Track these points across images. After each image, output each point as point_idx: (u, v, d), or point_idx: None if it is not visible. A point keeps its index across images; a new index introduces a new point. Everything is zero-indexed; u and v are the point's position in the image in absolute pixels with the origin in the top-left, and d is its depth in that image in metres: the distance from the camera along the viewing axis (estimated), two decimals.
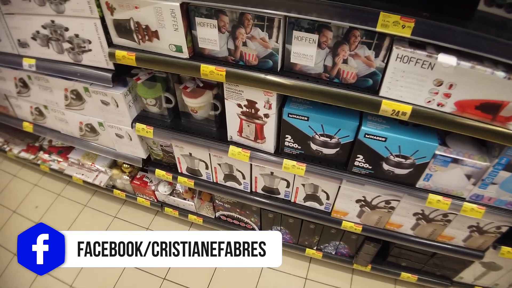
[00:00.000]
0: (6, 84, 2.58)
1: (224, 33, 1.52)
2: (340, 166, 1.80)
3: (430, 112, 1.39)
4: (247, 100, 1.70)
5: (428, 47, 1.28)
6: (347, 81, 1.47)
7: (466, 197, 1.69)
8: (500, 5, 1.27)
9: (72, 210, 3.14)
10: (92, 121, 2.36)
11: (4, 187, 3.42)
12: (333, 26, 1.33)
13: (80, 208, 3.15)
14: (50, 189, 3.35)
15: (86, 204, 3.18)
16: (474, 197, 1.67)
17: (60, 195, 3.28)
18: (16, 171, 3.57)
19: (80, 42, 1.91)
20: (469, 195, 1.67)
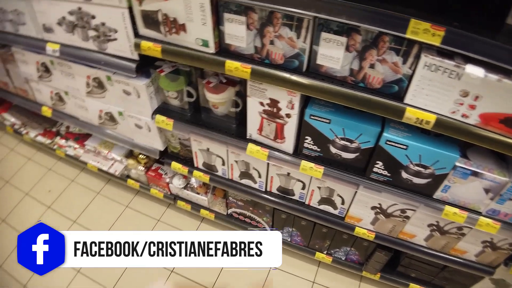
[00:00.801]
0: (28, 68, 2.62)
1: (252, 31, 1.52)
2: (358, 171, 1.79)
3: (454, 122, 1.38)
4: (270, 99, 1.70)
5: (456, 57, 1.27)
6: (372, 86, 1.46)
7: (482, 211, 1.66)
8: None
9: (84, 197, 3.17)
10: (112, 110, 2.38)
11: (18, 169, 3.47)
12: (362, 30, 1.32)
13: (93, 195, 3.19)
14: (64, 175, 3.39)
15: (99, 191, 3.21)
16: (490, 212, 1.65)
17: (73, 181, 3.32)
18: (31, 154, 3.62)
19: (106, 30, 1.91)
20: (486, 209, 1.65)
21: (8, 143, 3.76)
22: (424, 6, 1.31)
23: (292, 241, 2.54)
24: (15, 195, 3.23)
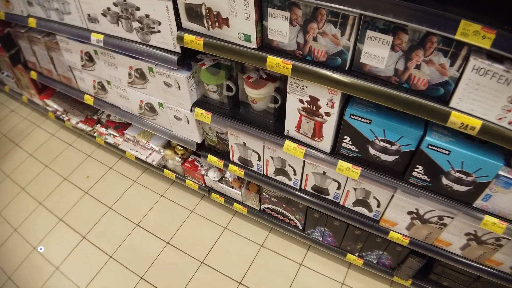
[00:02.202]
0: (72, 56, 2.71)
1: (295, 26, 1.51)
2: (397, 174, 1.75)
3: (500, 129, 1.32)
4: (309, 96, 1.68)
5: (505, 61, 1.21)
6: (417, 88, 1.42)
7: None
8: None
9: (121, 184, 3.26)
10: (152, 100, 2.42)
11: (58, 154, 3.61)
12: (409, 29, 1.29)
13: (130, 183, 3.27)
14: (103, 162, 3.50)
15: (135, 180, 3.29)
16: None
17: (111, 168, 3.42)
18: (72, 140, 3.75)
19: (150, 22, 1.95)
20: None
21: (50, 128, 3.92)
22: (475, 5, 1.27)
23: (323, 241, 2.52)
24: (54, 179, 3.36)
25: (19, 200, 3.21)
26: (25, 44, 3.15)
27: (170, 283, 2.56)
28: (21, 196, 3.25)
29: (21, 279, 2.66)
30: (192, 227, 2.88)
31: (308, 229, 2.51)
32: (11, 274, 2.69)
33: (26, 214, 3.08)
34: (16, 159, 3.60)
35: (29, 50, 3.18)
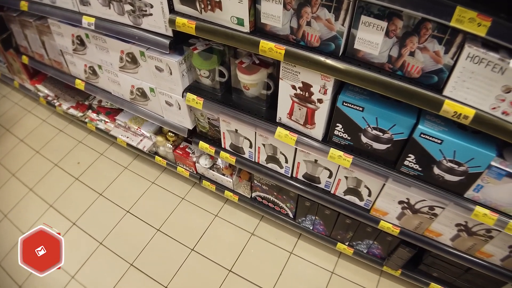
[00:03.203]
0: (64, 40, 2.67)
1: (289, 10, 1.48)
2: (388, 163, 1.74)
3: (493, 119, 1.31)
4: (302, 83, 1.66)
5: (501, 50, 1.20)
6: (411, 75, 1.40)
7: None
8: None
9: (112, 171, 3.24)
10: (144, 86, 2.40)
11: (49, 140, 3.58)
12: (404, 15, 1.27)
13: (121, 169, 3.25)
14: (94, 148, 3.48)
15: (126, 166, 3.27)
16: None
17: (102, 155, 3.40)
18: (63, 126, 3.72)
19: (142, 5, 1.91)
20: None
21: (41, 114, 3.88)
22: None
23: (314, 230, 2.52)
24: (44, 165, 3.34)
25: (10, 186, 3.18)
26: (17, 28, 3.11)
27: (160, 270, 2.56)
28: (11, 182, 3.22)
29: (11, 266, 2.64)
30: (183, 215, 2.87)
31: (299, 217, 2.50)
32: (1, 260, 2.67)
33: (16, 200, 3.06)
34: (7, 145, 3.57)
35: (20, 34, 3.14)
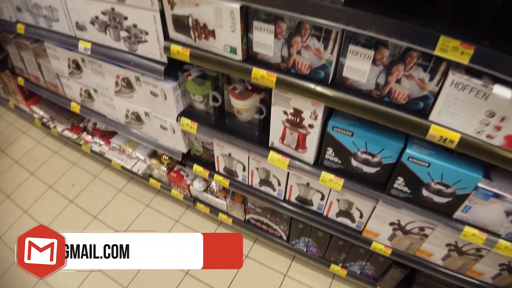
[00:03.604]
0: (60, 64, 2.69)
1: (280, 40, 1.54)
2: (378, 186, 1.78)
3: (478, 143, 1.36)
4: (293, 108, 1.71)
5: (484, 76, 1.25)
6: (397, 101, 1.45)
7: (502, 234, 1.63)
8: None
9: (106, 193, 3.24)
10: (139, 110, 2.43)
11: (43, 162, 3.58)
12: (390, 44, 1.33)
13: (115, 192, 3.25)
14: (88, 170, 3.47)
15: (121, 189, 3.27)
16: (510, 235, 1.61)
17: (97, 177, 3.40)
18: (58, 148, 3.72)
19: (138, 32, 1.96)
20: (506, 232, 1.61)
21: (36, 135, 3.88)
22: (456, 21, 1.32)
23: (308, 252, 2.53)
24: (39, 187, 3.32)
25: (4, 207, 3.16)
26: (13, 49, 3.13)
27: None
28: (6, 203, 3.20)
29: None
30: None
31: (293, 239, 2.52)
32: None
33: (11, 221, 3.03)
34: (2, 166, 3.56)
35: (17, 56, 3.16)
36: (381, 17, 1.25)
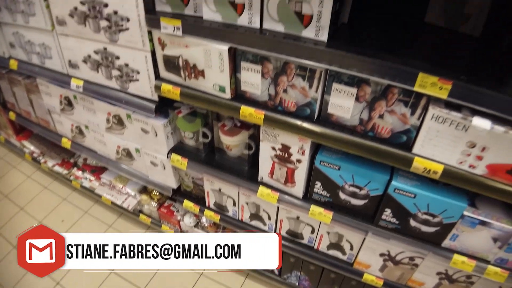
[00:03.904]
0: (52, 100, 2.72)
1: (267, 79, 1.59)
2: (367, 218, 1.80)
3: (461, 173, 1.40)
4: (281, 144, 1.75)
5: (463, 108, 1.30)
6: (381, 136, 1.50)
7: (491, 260, 1.65)
8: None
9: (96, 229, 3.19)
10: (129, 146, 2.45)
11: (33, 197, 3.53)
12: (372, 82, 1.38)
13: (105, 228, 3.21)
14: (78, 205, 3.43)
15: (111, 225, 3.24)
16: (498, 260, 1.63)
17: (87, 213, 3.36)
18: (48, 183, 3.69)
19: (129, 71, 2.00)
20: (494, 258, 1.63)
21: (26, 170, 3.85)
22: (434, 57, 1.38)
23: (300, 285, 2.51)
24: (29, 222, 3.27)
25: None
26: (5, 84, 3.14)
27: None
28: None
29: None
30: (167, 274, 2.83)
31: (284, 273, 2.50)
32: None
33: (0, 256, 2.98)
34: None
35: (9, 91, 3.17)
36: (362, 57, 1.31)
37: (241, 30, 1.51)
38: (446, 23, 1.65)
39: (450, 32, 1.64)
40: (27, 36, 2.44)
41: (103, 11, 1.85)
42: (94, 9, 1.88)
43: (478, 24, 1.58)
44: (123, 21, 1.82)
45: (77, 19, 1.99)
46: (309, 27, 1.39)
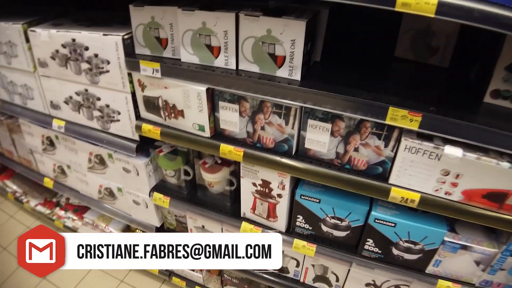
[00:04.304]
0: (33, 140, 2.71)
1: (245, 117, 1.63)
2: (350, 248, 1.81)
3: (438, 200, 1.43)
4: (262, 180, 1.77)
5: (435, 138, 1.35)
6: (358, 168, 1.54)
7: (475, 283, 1.66)
8: (506, 97, 1.36)
9: (79, 269, 3.13)
10: (111, 185, 2.44)
11: (15, 237, 3.44)
12: (345, 117, 1.43)
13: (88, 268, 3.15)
14: None
15: None
16: (483, 283, 1.65)
17: None
18: (30, 223, 3.59)
19: (110, 112, 2.03)
20: (479, 281, 1.65)
21: (8, 209, 3.75)
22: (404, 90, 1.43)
23: None
24: (11, 263, 3.17)
25: None
26: None
27: None
28: None
29: None
30: None
31: None
32: None
33: None
34: None
35: None
36: (335, 94, 1.36)
37: (218, 72, 1.56)
38: (415, 56, 1.73)
39: (419, 64, 1.72)
40: (9, 76, 2.45)
41: (84, 54, 1.88)
42: (75, 52, 1.91)
43: (446, 56, 1.66)
44: (104, 63, 1.85)
45: (58, 61, 2.02)
46: (282, 67, 1.46)
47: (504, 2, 0.96)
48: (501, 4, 0.96)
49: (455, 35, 1.60)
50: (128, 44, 1.77)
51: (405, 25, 1.69)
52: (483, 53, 1.52)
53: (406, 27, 1.69)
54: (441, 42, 1.64)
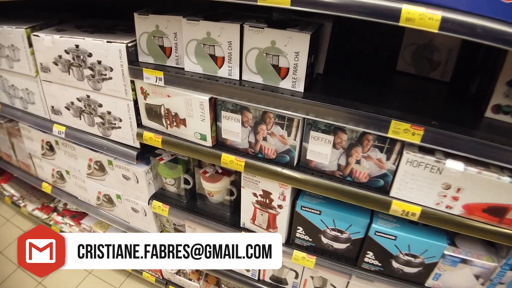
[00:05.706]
0: (33, 144, 2.70)
1: (247, 128, 1.64)
2: (350, 261, 1.80)
3: (438, 214, 1.43)
4: (262, 190, 1.77)
5: (437, 152, 1.35)
6: (359, 180, 1.54)
7: None
8: (507, 112, 1.36)
9: (76, 276, 3.09)
10: (110, 192, 2.43)
11: (12, 241, 3.42)
12: (347, 129, 1.44)
13: (84, 274, 3.12)
14: None
15: (90, 271, 3.15)
16: None
17: None
18: (27, 227, 3.57)
19: (112, 119, 2.03)
20: None
21: (5, 213, 3.74)
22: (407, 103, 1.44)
23: None
24: (7, 267, 3.16)
25: None
26: None
27: None
28: None
29: None
30: None
31: None
32: None
33: None
34: None
35: None
36: (337, 106, 1.37)
37: (221, 82, 1.57)
38: (416, 70, 1.74)
39: (420, 78, 1.73)
40: (10, 80, 2.45)
41: (87, 60, 1.89)
42: (78, 58, 1.92)
43: (447, 70, 1.68)
44: (107, 70, 1.86)
45: (61, 67, 2.03)
46: (286, 79, 1.46)
47: (506, 19, 0.97)
48: (503, 20, 0.97)
49: (456, 50, 1.62)
50: (132, 52, 1.77)
51: (407, 39, 1.70)
52: (484, 68, 1.53)
53: (408, 41, 1.70)
54: (442, 56, 1.66)
